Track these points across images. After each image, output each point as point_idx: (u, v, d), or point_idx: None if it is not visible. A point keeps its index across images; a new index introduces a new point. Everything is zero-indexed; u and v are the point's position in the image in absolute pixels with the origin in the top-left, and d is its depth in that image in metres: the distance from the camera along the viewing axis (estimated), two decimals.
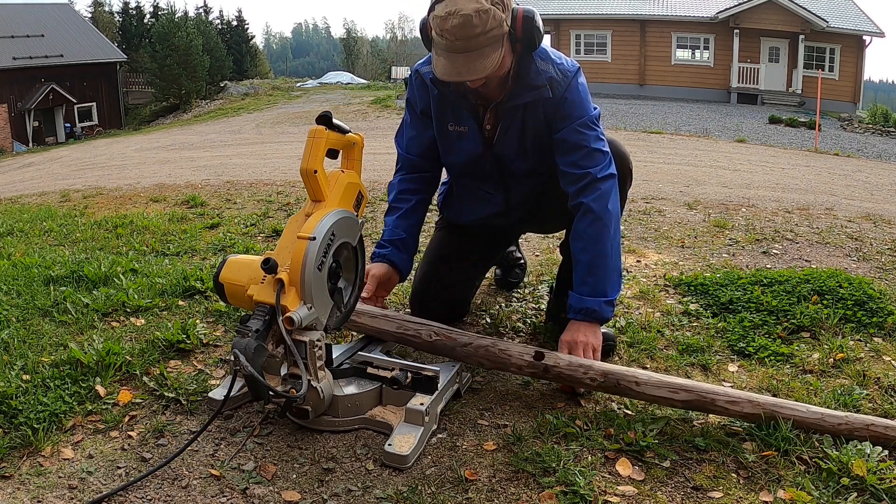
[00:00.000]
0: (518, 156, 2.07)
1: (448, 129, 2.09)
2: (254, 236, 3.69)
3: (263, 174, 6.77)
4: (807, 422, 1.63)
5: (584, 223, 1.96)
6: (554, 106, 1.95)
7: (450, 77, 1.81)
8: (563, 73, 1.94)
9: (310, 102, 22.59)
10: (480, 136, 2.05)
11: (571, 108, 1.95)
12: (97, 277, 2.70)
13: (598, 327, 1.95)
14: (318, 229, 1.62)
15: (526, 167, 2.10)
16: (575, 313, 1.96)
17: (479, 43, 1.74)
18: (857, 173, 8.72)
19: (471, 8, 1.71)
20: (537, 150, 2.05)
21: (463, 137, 2.07)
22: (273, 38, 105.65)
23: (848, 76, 22.32)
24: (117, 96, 29.96)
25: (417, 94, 2.12)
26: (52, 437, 1.65)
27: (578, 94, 1.96)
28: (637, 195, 5.15)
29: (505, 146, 2.04)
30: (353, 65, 54.98)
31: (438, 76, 1.84)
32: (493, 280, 2.82)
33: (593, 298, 1.94)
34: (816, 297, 2.51)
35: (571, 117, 1.95)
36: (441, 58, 1.81)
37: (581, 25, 24.25)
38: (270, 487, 1.50)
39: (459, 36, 1.73)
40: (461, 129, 2.06)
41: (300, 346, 1.60)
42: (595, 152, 1.96)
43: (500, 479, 1.53)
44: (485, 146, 2.07)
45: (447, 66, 1.79)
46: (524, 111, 1.97)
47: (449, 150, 2.14)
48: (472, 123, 2.04)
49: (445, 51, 1.78)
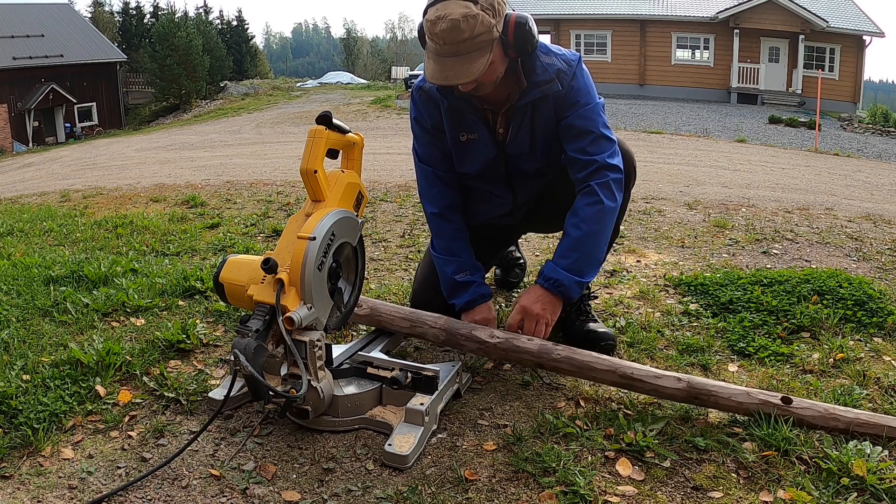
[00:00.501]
0: (529, 154, 2.08)
1: (460, 140, 2.08)
2: (254, 236, 3.69)
3: (263, 174, 6.77)
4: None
5: (584, 202, 1.95)
6: (562, 96, 1.97)
7: (438, 81, 1.82)
8: (567, 62, 1.97)
9: (310, 102, 22.60)
10: (492, 139, 2.05)
11: (578, 95, 1.97)
12: (97, 277, 2.70)
13: (559, 304, 1.95)
14: (318, 229, 1.62)
15: (536, 166, 2.11)
16: (544, 280, 1.94)
17: (466, 47, 1.75)
18: (857, 173, 8.72)
19: (459, 13, 1.72)
20: (546, 147, 2.06)
21: (475, 144, 2.07)
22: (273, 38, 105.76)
23: (848, 76, 22.32)
24: (117, 96, 29.97)
25: (425, 111, 2.10)
26: (52, 437, 1.65)
27: (584, 82, 1.99)
28: (637, 195, 5.15)
29: (517, 146, 2.05)
30: (353, 65, 55.02)
31: (428, 79, 1.86)
32: (493, 280, 2.82)
33: (568, 274, 1.92)
34: (816, 297, 2.51)
35: (578, 104, 1.96)
36: (431, 61, 1.82)
37: (581, 25, 24.25)
38: (270, 487, 1.50)
39: (448, 40, 1.74)
40: (472, 136, 2.06)
41: (300, 346, 1.60)
42: (601, 139, 1.97)
43: (500, 479, 1.53)
44: (498, 149, 2.07)
45: (436, 70, 1.80)
46: (533, 109, 1.99)
47: (463, 160, 2.13)
48: (482, 129, 2.04)
49: (435, 54, 1.80)
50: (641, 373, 1.77)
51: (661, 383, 1.74)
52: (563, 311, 2.04)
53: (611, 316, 2.46)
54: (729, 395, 1.70)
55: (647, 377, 1.76)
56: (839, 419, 1.64)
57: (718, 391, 1.71)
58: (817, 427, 1.65)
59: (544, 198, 2.23)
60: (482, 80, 1.84)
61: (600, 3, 24.26)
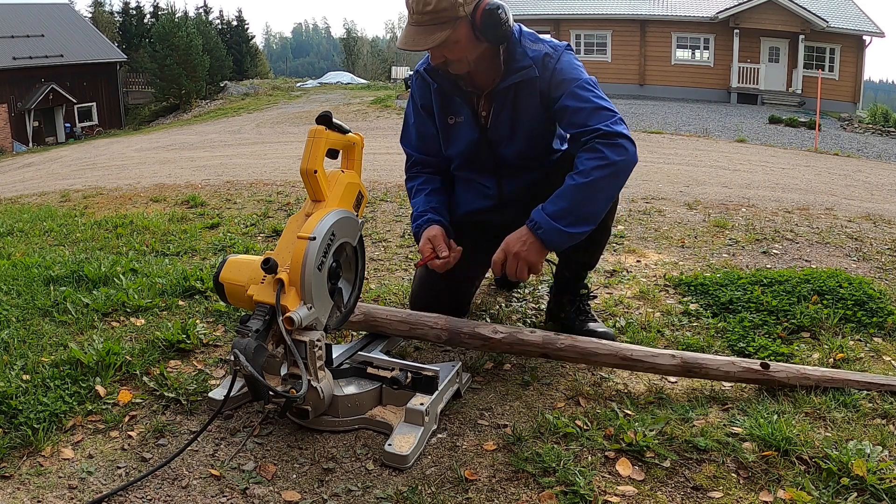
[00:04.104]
0: (510, 139, 2.11)
1: (448, 122, 2.18)
2: (254, 236, 3.69)
3: (263, 174, 6.77)
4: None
5: (586, 155, 1.87)
6: (547, 80, 1.99)
7: (400, 45, 1.95)
8: (554, 48, 2.03)
9: (310, 102, 22.60)
10: (475, 122, 2.12)
11: (563, 74, 1.98)
12: (97, 277, 2.70)
13: (541, 247, 1.89)
14: (318, 229, 1.62)
15: (516, 151, 2.13)
16: (529, 221, 1.91)
17: (428, 19, 1.87)
18: (857, 173, 8.72)
19: None
20: (529, 134, 2.10)
21: (460, 126, 2.15)
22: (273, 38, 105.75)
23: (848, 76, 22.31)
24: (117, 96, 29.96)
25: (419, 92, 2.23)
26: (52, 437, 1.65)
27: (570, 63, 2.01)
28: (637, 195, 5.15)
29: (498, 130, 2.10)
30: (353, 65, 55.01)
31: (398, 45, 1.97)
32: (492, 280, 2.82)
33: (549, 220, 1.86)
34: (816, 297, 2.51)
35: (566, 81, 1.97)
36: (403, 29, 1.95)
37: (581, 25, 24.25)
38: (270, 487, 1.50)
39: (415, 10, 1.88)
40: (458, 119, 2.15)
41: (300, 346, 1.60)
42: (600, 109, 1.93)
43: (500, 479, 1.53)
44: (480, 132, 2.13)
45: (402, 36, 1.94)
46: (515, 94, 2.03)
47: (449, 142, 2.21)
48: (467, 111, 2.12)
49: (407, 23, 1.94)
50: (640, 353, 1.91)
51: (658, 361, 1.89)
52: (563, 312, 2.04)
53: (611, 316, 2.46)
54: (717, 366, 1.88)
55: (645, 357, 1.90)
56: (809, 377, 1.87)
57: (708, 363, 1.88)
58: (794, 386, 1.85)
59: (536, 196, 2.22)
60: (449, 57, 1.93)
61: (600, 3, 24.25)
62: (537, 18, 24.12)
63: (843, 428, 1.68)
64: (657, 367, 1.90)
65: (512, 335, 1.96)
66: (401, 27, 24.95)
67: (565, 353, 1.93)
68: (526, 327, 1.96)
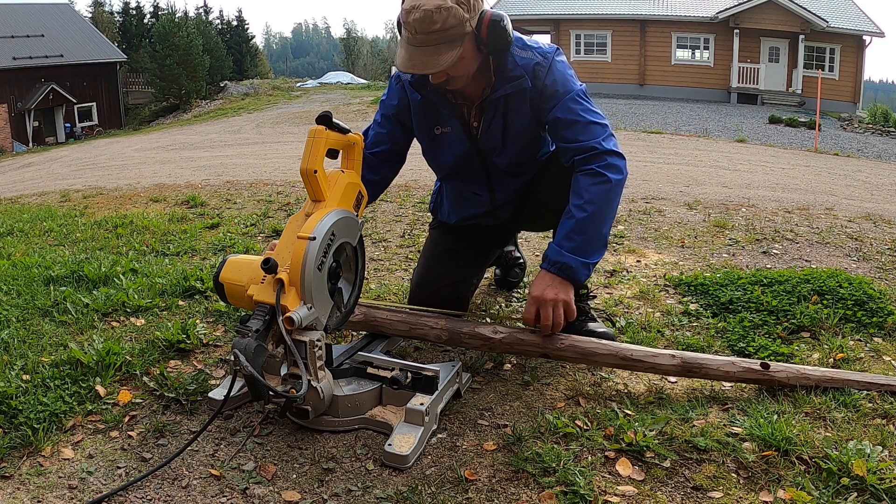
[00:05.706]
0: (501, 149, 2.08)
1: (434, 133, 2.11)
2: (254, 236, 3.69)
3: (263, 174, 6.76)
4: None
5: (588, 181, 1.89)
6: (539, 90, 1.96)
7: (405, 68, 1.84)
8: (543, 55, 1.97)
9: (310, 102, 22.60)
10: (466, 133, 2.07)
11: (555, 86, 1.95)
12: (97, 277, 2.70)
13: (570, 287, 1.89)
14: (318, 229, 1.62)
15: (508, 160, 2.11)
16: (550, 265, 1.89)
17: (436, 38, 1.77)
18: (857, 173, 8.72)
19: (433, 4, 1.74)
20: (520, 142, 2.07)
21: (448, 137, 2.10)
22: (273, 38, 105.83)
23: (848, 76, 22.31)
24: (117, 96, 29.95)
25: (395, 96, 2.13)
26: (52, 437, 1.65)
27: (561, 73, 1.97)
28: (637, 195, 5.15)
29: (489, 140, 2.06)
30: (353, 65, 55.00)
31: (397, 66, 1.88)
32: (492, 280, 2.82)
33: (574, 256, 1.87)
34: (816, 297, 2.51)
35: (558, 94, 1.95)
36: (402, 49, 1.85)
37: (581, 25, 24.23)
38: (270, 487, 1.50)
39: (419, 30, 1.77)
40: (446, 129, 2.08)
41: (300, 346, 1.60)
42: (591, 125, 1.94)
43: (500, 479, 1.53)
44: (471, 142, 2.09)
45: (405, 58, 1.83)
46: (506, 104, 1.99)
47: (435, 153, 2.16)
48: (456, 123, 2.06)
49: (407, 43, 1.83)
50: (640, 353, 1.90)
51: (658, 361, 1.88)
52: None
53: (611, 316, 2.46)
54: (717, 365, 1.87)
55: (645, 357, 1.89)
56: (809, 377, 1.86)
57: (708, 363, 1.87)
58: (794, 386, 1.84)
59: (532, 196, 2.22)
60: (453, 74, 1.85)
61: (600, 3, 24.24)
62: (537, 18, 24.13)
63: (843, 428, 1.68)
64: (657, 367, 1.89)
65: (512, 335, 1.96)
66: None
67: (565, 353, 1.93)
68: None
